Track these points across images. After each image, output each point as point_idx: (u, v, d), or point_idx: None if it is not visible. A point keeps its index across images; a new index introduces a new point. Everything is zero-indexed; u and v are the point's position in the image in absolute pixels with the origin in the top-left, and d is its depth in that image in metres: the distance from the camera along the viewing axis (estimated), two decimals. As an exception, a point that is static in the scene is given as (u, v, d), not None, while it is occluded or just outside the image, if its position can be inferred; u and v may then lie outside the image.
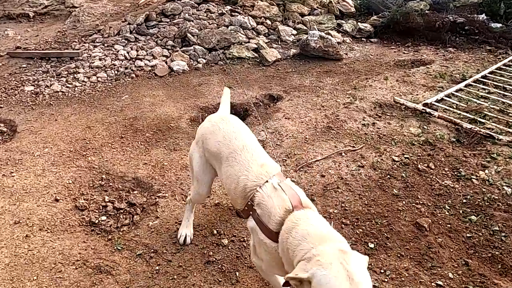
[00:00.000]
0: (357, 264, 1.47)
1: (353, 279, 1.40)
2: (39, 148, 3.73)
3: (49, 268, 2.47)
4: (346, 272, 1.41)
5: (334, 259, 1.46)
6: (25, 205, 3.03)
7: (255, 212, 1.91)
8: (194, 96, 4.88)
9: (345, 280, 1.40)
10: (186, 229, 2.70)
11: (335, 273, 1.41)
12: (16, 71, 5.34)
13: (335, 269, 1.42)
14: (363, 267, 1.49)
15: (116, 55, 5.62)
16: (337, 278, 1.40)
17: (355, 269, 1.43)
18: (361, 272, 1.45)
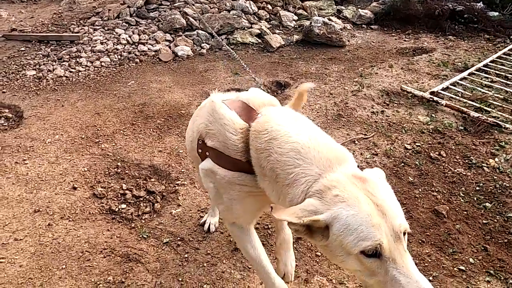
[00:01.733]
0: (385, 193, 1.17)
1: (386, 213, 1.10)
2: (50, 135, 3.66)
3: (77, 257, 2.46)
4: (376, 207, 1.10)
5: (357, 192, 1.11)
6: (43, 193, 2.99)
7: (210, 149, 1.50)
8: (201, 82, 4.83)
9: (378, 217, 1.08)
10: (211, 218, 2.71)
11: (367, 210, 1.08)
12: (15, 55, 5.18)
13: (365, 205, 1.09)
14: (392, 195, 1.20)
15: (118, 39, 5.49)
16: (368, 215, 1.08)
17: (384, 198, 1.13)
18: (393, 203, 1.15)
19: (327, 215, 1.09)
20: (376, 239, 1.06)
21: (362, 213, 1.08)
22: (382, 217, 1.08)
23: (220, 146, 1.45)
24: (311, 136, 1.25)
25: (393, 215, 1.09)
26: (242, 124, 1.42)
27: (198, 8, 6.33)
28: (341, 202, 1.09)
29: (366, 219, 1.07)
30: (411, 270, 1.07)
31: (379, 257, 1.08)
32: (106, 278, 2.33)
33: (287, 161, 1.20)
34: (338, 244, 1.12)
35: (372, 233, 1.06)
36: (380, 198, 1.11)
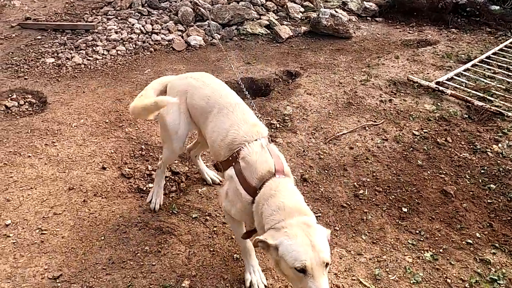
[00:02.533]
0: (319, 236, 1.70)
1: (315, 247, 1.64)
2: (75, 119, 3.82)
3: (114, 229, 2.65)
4: (310, 242, 1.65)
5: (299, 231, 1.69)
6: (75, 172, 3.16)
7: (238, 164, 2.03)
8: (214, 71, 4.99)
9: (309, 247, 1.63)
10: (157, 196, 2.83)
11: (299, 242, 1.65)
12: (32, 43, 5.31)
13: (300, 240, 1.66)
14: (324, 238, 1.72)
15: (131, 29, 5.63)
16: (301, 245, 1.64)
17: (317, 240, 1.66)
18: (322, 243, 1.68)
19: (276, 242, 1.69)
20: (303, 261, 1.61)
21: (297, 244, 1.65)
22: (312, 249, 1.64)
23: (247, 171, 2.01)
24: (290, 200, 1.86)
25: (319, 250, 1.64)
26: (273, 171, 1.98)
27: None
28: (286, 235, 1.69)
29: (300, 247, 1.64)
30: (322, 285, 1.61)
31: (305, 273, 1.63)
32: (143, 248, 2.52)
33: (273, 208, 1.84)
34: (281, 260, 1.70)
35: (300, 257, 1.62)
36: (314, 239, 1.67)
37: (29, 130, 3.62)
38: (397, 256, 2.56)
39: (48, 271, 2.35)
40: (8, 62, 4.83)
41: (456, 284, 2.38)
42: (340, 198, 3.05)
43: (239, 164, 2.02)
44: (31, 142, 3.47)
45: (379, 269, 2.45)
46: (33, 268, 2.36)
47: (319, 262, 1.62)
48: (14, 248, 2.48)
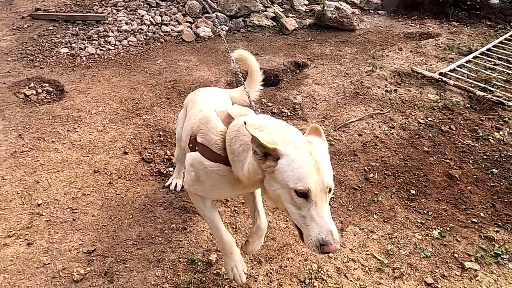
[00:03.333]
0: (323, 155, 1.52)
1: (320, 169, 1.45)
2: (93, 107, 3.95)
3: (140, 209, 2.80)
4: (315, 163, 1.45)
5: (306, 149, 1.47)
6: (98, 157, 3.31)
7: (199, 144, 1.89)
8: (224, 61, 5.13)
9: (314, 169, 1.43)
10: (177, 180, 3.00)
11: (307, 160, 1.44)
12: (44, 33, 5.40)
13: (307, 157, 1.45)
14: (328, 158, 1.55)
15: (141, 20, 5.74)
16: (308, 164, 1.43)
17: (322, 161, 1.48)
18: (327, 164, 1.50)
19: (283, 149, 1.45)
20: (308, 184, 1.40)
21: (305, 160, 1.42)
22: (317, 171, 1.43)
23: (206, 143, 1.86)
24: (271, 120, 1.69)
25: (324, 173, 1.45)
26: (223, 128, 1.83)
27: (215, -9, 6.57)
28: (295, 147, 1.47)
29: (306, 166, 1.42)
30: (325, 214, 1.44)
31: (306, 198, 1.43)
32: (170, 225, 2.68)
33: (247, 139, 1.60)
34: (279, 175, 1.46)
35: (305, 178, 1.41)
36: (319, 159, 1.47)
37: (50, 117, 3.74)
38: (407, 234, 2.73)
39: (83, 246, 2.50)
40: (23, 52, 4.93)
41: (463, 258, 2.55)
42: (351, 181, 3.22)
43: (199, 144, 1.89)
44: (53, 128, 3.60)
45: (391, 245, 2.63)
46: (68, 243, 2.51)
47: (323, 187, 1.44)
48: (48, 226, 2.63)
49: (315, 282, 2.34)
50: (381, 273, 2.43)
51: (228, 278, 2.22)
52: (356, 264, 2.48)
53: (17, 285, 2.24)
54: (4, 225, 2.61)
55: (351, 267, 2.46)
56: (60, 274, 2.32)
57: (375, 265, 2.48)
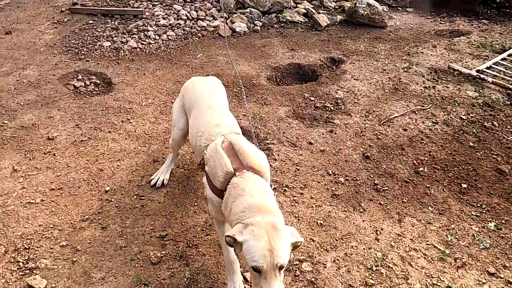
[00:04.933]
0: (282, 240, 1.75)
1: (273, 252, 1.71)
2: (143, 99, 4.06)
3: (203, 197, 2.90)
4: (269, 246, 1.71)
5: (264, 233, 1.74)
6: (155, 147, 3.41)
7: (205, 172, 2.16)
8: (262, 56, 5.20)
9: (267, 252, 1.70)
10: (162, 175, 3.01)
11: (261, 246, 1.71)
12: (85, 27, 5.52)
13: (262, 243, 1.71)
14: (286, 243, 1.77)
15: (178, 15, 5.83)
16: (261, 250, 1.70)
17: (278, 245, 1.72)
18: (282, 248, 1.74)
19: (242, 238, 1.76)
20: (259, 264, 1.71)
21: (258, 246, 1.72)
22: (270, 254, 1.71)
23: (211, 176, 2.10)
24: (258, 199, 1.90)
25: (277, 255, 1.72)
26: (230, 169, 2.02)
27: (247, -13, 6.64)
28: (251, 235, 1.75)
29: (259, 251, 1.72)
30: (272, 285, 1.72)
31: (260, 273, 1.73)
32: (234, 213, 2.77)
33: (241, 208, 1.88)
34: (244, 256, 1.78)
35: (258, 260, 1.71)
36: (276, 243, 1.73)
37: (103, 108, 3.86)
38: (464, 226, 2.80)
39: (154, 231, 2.61)
40: (67, 45, 5.05)
41: (522, 249, 2.62)
42: (402, 174, 3.29)
43: (205, 170, 2.15)
44: (108, 119, 3.71)
45: (450, 236, 2.70)
46: (140, 228, 2.62)
47: (274, 265, 1.71)
48: (118, 211, 2.74)
49: (382, 269, 2.43)
50: (443, 263, 2.51)
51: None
52: (419, 254, 2.56)
53: (99, 266, 2.35)
54: (77, 210, 2.73)
55: (414, 256, 2.54)
56: (138, 256, 2.43)
57: (437, 255, 2.56)
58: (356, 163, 3.40)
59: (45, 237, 2.51)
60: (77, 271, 2.31)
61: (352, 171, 3.29)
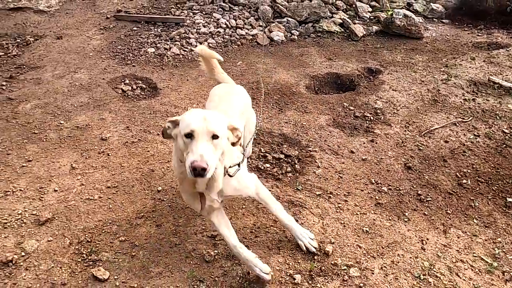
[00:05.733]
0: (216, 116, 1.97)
1: (207, 120, 1.88)
2: (188, 104, 4.22)
3: (251, 201, 3.00)
4: (204, 116, 1.90)
5: (198, 110, 2.00)
6: (201, 150, 3.54)
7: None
8: (300, 65, 5.30)
9: (201, 119, 1.88)
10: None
11: (196, 114, 1.91)
12: (130, 33, 5.77)
13: (198, 113, 1.93)
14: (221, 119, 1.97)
15: (217, 23, 6.01)
16: (196, 117, 1.89)
17: (212, 117, 1.92)
18: (215, 119, 1.92)
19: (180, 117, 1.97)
20: (192, 127, 1.86)
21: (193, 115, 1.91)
22: (203, 120, 1.88)
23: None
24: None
25: (210, 122, 1.88)
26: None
27: (284, -3, 6.78)
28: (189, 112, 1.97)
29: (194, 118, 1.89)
30: (199, 147, 1.84)
31: (191, 138, 1.87)
32: (281, 217, 2.86)
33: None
34: (178, 134, 1.94)
35: (192, 124, 1.86)
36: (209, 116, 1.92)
37: (151, 112, 4.03)
38: (511, 239, 2.80)
39: (205, 231, 2.73)
40: (114, 50, 5.29)
41: None
42: (445, 186, 3.30)
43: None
44: (156, 122, 3.88)
45: (497, 249, 2.70)
46: (192, 227, 2.74)
47: (206, 130, 1.88)
48: (171, 210, 2.88)
49: (430, 279, 2.46)
50: (491, 275, 2.52)
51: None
52: (466, 265, 2.58)
53: (156, 261, 2.48)
54: (133, 207, 2.88)
55: (461, 267, 2.56)
56: (192, 254, 2.54)
57: (484, 267, 2.57)
58: (398, 173, 3.44)
59: (105, 231, 2.66)
60: (136, 265, 2.45)
61: (394, 181, 3.33)
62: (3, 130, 3.64)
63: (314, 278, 2.44)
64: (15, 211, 2.76)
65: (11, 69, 4.78)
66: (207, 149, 1.86)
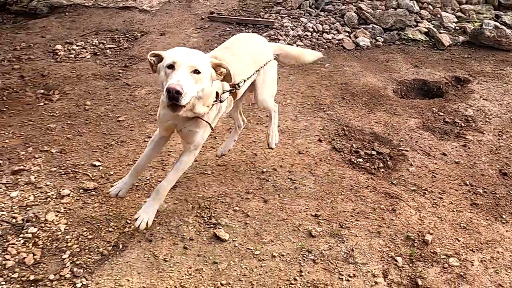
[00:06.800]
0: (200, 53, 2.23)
1: (190, 55, 2.14)
2: (282, 99, 4.53)
3: (348, 188, 3.22)
4: (188, 52, 2.17)
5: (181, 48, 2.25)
6: (298, 141, 3.83)
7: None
8: (386, 70, 5.43)
9: (185, 54, 2.14)
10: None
11: (180, 49, 2.20)
12: (223, 33, 6.24)
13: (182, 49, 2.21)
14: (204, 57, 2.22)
15: (305, 27, 6.30)
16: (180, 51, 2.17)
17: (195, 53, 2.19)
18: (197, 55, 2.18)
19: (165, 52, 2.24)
20: (173, 60, 2.12)
21: (178, 50, 2.21)
22: (187, 55, 2.15)
23: None
24: None
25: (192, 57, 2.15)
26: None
27: (369, 5, 6.93)
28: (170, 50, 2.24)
29: (178, 51, 2.18)
30: (178, 74, 2.07)
31: (172, 69, 2.11)
32: (379, 206, 3.05)
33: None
34: (161, 66, 2.20)
35: (175, 56, 2.13)
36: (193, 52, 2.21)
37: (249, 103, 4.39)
38: None
39: (309, 210, 2.98)
40: (211, 48, 5.74)
41: None
42: (545, 195, 3.29)
43: None
44: (255, 113, 4.23)
45: None
46: (296, 206, 3.01)
47: (188, 63, 2.10)
48: (275, 190, 3.17)
49: (532, 277, 2.52)
50: None
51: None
52: None
53: (267, 231, 2.77)
54: (241, 184, 3.21)
55: None
56: (299, 228, 2.81)
57: None
58: (493, 178, 3.47)
59: (220, 201, 3.01)
60: (250, 232, 2.76)
61: (489, 185, 3.37)
62: (125, 110, 4.17)
63: (414, 262, 2.60)
64: (144, 177, 3.20)
65: (124, 59, 5.40)
66: (186, 78, 2.07)
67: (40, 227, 2.65)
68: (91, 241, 2.60)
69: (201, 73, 2.14)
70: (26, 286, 2.28)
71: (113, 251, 2.54)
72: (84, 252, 2.52)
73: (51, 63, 5.19)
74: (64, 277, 2.34)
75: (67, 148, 3.51)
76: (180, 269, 2.45)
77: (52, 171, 3.20)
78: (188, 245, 2.62)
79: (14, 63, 5.14)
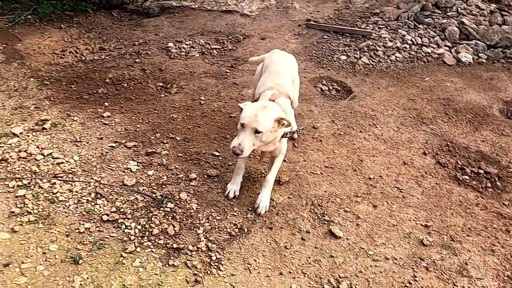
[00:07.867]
0: (265, 114, 2.68)
1: (255, 118, 2.65)
2: (383, 110, 4.62)
3: (457, 204, 3.27)
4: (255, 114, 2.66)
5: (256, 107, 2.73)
6: (402, 152, 3.90)
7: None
8: (490, 89, 5.28)
9: (252, 116, 2.66)
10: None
11: (250, 111, 2.69)
12: (321, 40, 6.43)
13: (251, 110, 2.69)
14: (268, 116, 2.68)
15: (403, 39, 6.29)
16: (248, 113, 2.68)
17: (261, 116, 2.66)
18: (263, 118, 2.66)
19: (243, 105, 2.83)
20: (244, 121, 2.68)
21: (247, 113, 2.69)
22: (254, 117, 2.66)
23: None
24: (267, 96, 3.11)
25: (256, 120, 2.65)
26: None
27: (472, 20, 6.72)
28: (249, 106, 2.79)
29: (247, 114, 2.69)
30: (242, 136, 2.68)
31: (244, 127, 2.69)
32: (491, 224, 3.06)
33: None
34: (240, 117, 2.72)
35: (244, 118, 2.68)
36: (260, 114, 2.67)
37: (351, 111, 4.54)
38: None
39: (418, 220, 3.07)
40: (309, 54, 6.00)
41: None
42: None
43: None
44: (357, 121, 4.37)
45: None
46: (406, 215, 3.12)
47: (252, 126, 2.65)
48: (383, 196, 3.30)
49: None
50: None
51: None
52: None
53: (379, 234, 2.91)
54: (350, 187, 3.38)
55: None
56: (410, 236, 2.91)
57: None
58: None
59: (331, 201, 3.21)
60: (362, 233, 2.92)
61: None
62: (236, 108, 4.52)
63: (532, 285, 2.59)
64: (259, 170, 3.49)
65: (230, 60, 5.81)
66: (247, 140, 2.65)
67: (176, 204, 3.03)
68: (220, 222, 2.92)
69: (261, 132, 2.68)
70: (171, 252, 2.64)
71: (239, 233, 2.84)
72: (214, 231, 2.84)
73: (166, 59, 5.74)
74: (200, 249, 2.68)
75: (189, 137, 3.91)
76: (300, 258, 2.68)
77: (179, 156, 3.61)
78: (305, 237, 2.84)
79: (135, 56, 5.76)
